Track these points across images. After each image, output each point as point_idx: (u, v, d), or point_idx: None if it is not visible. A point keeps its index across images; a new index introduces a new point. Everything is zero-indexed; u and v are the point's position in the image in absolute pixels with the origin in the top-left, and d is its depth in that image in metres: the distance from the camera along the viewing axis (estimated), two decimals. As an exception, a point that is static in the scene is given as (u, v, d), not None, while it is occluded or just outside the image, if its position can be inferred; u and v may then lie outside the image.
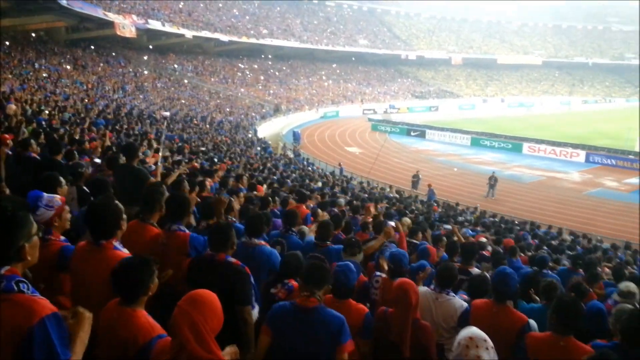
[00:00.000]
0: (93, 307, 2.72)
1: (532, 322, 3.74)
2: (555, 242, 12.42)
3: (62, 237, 3.19)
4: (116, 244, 2.93)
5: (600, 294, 5.92)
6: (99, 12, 37.48)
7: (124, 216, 3.03)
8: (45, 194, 3.19)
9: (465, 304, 3.80)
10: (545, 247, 10.74)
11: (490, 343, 2.29)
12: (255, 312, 3.31)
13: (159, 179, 6.00)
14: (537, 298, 4.86)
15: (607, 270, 9.04)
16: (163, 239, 3.64)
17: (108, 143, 9.48)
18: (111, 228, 2.89)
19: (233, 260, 3.29)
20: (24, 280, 1.95)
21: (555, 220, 19.50)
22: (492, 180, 23.98)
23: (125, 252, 2.92)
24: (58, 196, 3.26)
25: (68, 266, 2.97)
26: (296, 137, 36.16)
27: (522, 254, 8.86)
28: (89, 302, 2.71)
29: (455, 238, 7.82)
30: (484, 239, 9.82)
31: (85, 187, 5.15)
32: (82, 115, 18.99)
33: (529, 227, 15.50)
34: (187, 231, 3.71)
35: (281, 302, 3.04)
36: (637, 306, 4.54)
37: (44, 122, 12.95)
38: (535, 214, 20.64)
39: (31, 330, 1.80)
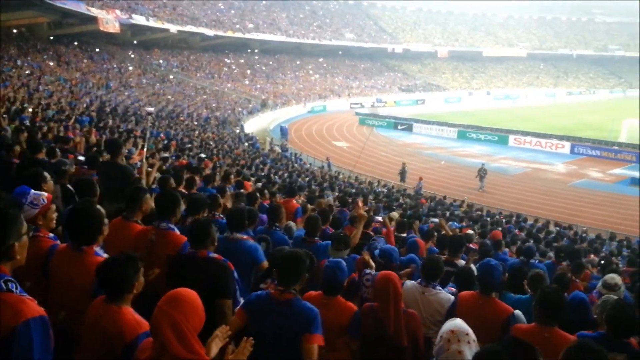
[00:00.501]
0: (70, 311, 2.70)
1: (518, 313, 3.76)
2: (541, 234, 12.54)
3: (51, 235, 3.13)
4: (97, 249, 2.90)
5: (585, 285, 6.01)
6: (81, 7, 36.93)
7: (106, 221, 3.00)
8: (32, 191, 3.14)
9: (452, 297, 3.80)
10: (531, 240, 10.85)
11: (472, 337, 2.30)
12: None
13: (144, 176, 5.95)
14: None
15: (593, 258, 9.18)
16: (152, 235, 3.61)
17: (94, 140, 9.39)
18: (92, 233, 2.87)
19: (215, 255, 3.29)
20: (12, 279, 1.93)
21: (541, 211, 19.70)
22: (482, 172, 24.18)
23: (105, 257, 2.89)
24: (45, 194, 3.21)
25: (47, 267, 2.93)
26: (283, 132, 36.07)
27: (507, 248, 8.96)
28: (66, 306, 2.69)
29: (443, 232, 7.86)
30: (470, 232, 9.89)
31: (69, 186, 5.08)
32: (67, 112, 18.74)
33: (514, 220, 15.66)
34: (176, 230, 3.68)
35: (258, 292, 3.05)
36: (622, 297, 4.61)
37: (27, 120, 12.77)
38: (522, 205, 20.85)
39: (15, 330, 1.78)
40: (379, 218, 7.95)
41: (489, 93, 71.79)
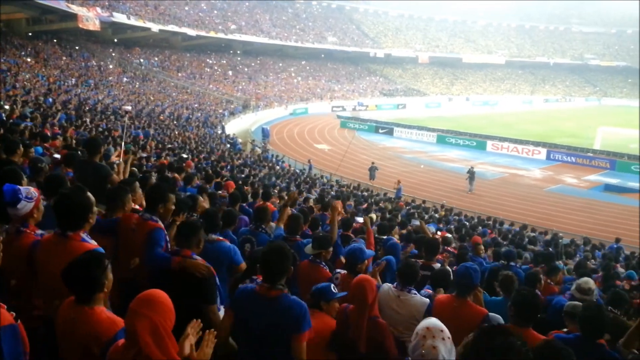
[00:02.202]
0: (62, 299, 2.67)
1: (493, 315, 3.83)
2: (516, 238, 12.77)
3: (39, 231, 3.10)
4: (84, 235, 2.87)
5: (559, 287, 6.15)
6: (61, 4, 36.32)
7: (95, 209, 2.98)
8: (21, 187, 3.11)
9: (428, 301, 3.81)
10: (507, 243, 11.03)
11: (447, 334, 2.33)
12: (221, 313, 3.31)
13: (121, 176, 5.90)
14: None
15: (568, 262, 9.37)
16: (134, 225, 3.61)
17: (68, 141, 9.25)
18: (78, 220, 2.84)
19: (199, 259, 3.28)
20: None
21: (517, 216, 20.03)
22: (470, 174, 24.51)
23: (93, 243, 2.87)
24: (32, 188, 3.18)
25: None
26: (265, 133, 35.98)
27: (486, 252, 9.08)
28: (57, 295, 2.66)
29: (422, 234, 7.92)
30: (449, 235, 10.01)
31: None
32: (43, 109, 18.41)
33: (492, 224, 15.89)
34: (159, 222, 3.66)
35: (244, 285, 3.02)
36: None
37: (3, 116, 12.51)
38: (498, 210, 21.18)
39: None
40: (360, 219, 8.00)
41: (468, 99, 72.68)
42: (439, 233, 10.33)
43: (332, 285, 3.33)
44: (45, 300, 2.78)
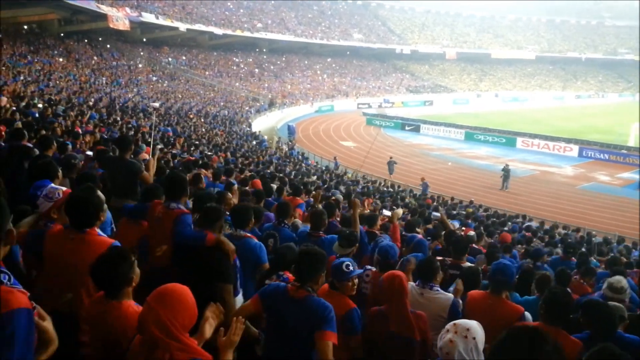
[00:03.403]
0: (78, 294, 2.70)
1: (528, 314, 3.76)
2: (547, 236, 12.49)
3: None
4: (99, 231, 2.94)
5: (591, 285, 5.98)
6: (92, 5, 37.11)
7: (105, 207, 3.03)
8: (50, 185, 3.18)
9: (452, 296, 3.74)
10: (537, 240, 10.80)
11: (473, 334, 2.27)
12: (239, 298, 3.36)
13: (151, 172, 5.98)
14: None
15: (601, 260, 9.12)
16: (160, 213, 3.66)
17: (97, 137, 9.44)
18: (90, 218, 2.89)
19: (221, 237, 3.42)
20: (5, 271, 1.92)
21: (549, 214, 19.59)
22: (505, 172, 24.17)
23: (108, 237, 2.92)
24: (63, 189, 3.24)
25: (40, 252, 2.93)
26: (291, 131, 36.10)
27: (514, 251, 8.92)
28: (69, 288, 2.69)
29: (446, 227, 7.75)
30: (472, 233, 9.81)
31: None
32: (76, 108, 18.86)
33: (520, 220, 15.59)
34: (184, 209, 3.72)
35: (277, 283, 3.09)
36: (627, 301, 4.58)
37: (37, 115, 12.86)
38: (529, 208, 20.76)
39: None
40: (387, 212, 7.91)
41: (497, 95, 71.49)
42: (463, 229, 10.18)
43: (346, 263, 3.30)
44: (53, 293, 2.80)
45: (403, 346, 3.24)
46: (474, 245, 7.92)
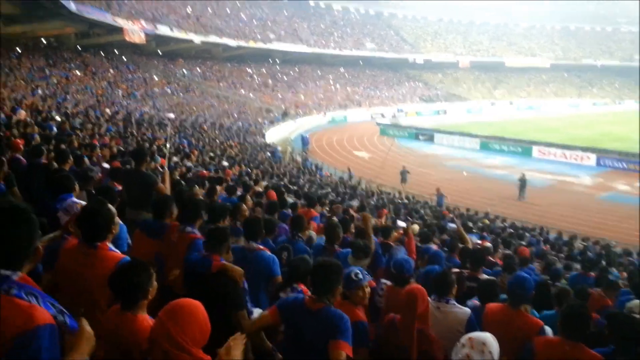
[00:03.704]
0: (90, 309, 2.71)
1: (547, 328, 3.72)
2: (566, 248, 12.30)
3: None
4: (110, 245, 2.94)
5: (614, 301, 5.86)
6: (108, 18, 37.79)
7: (116, 220, 3.04)
8: (71, 199, 3.21)
9: (469, 311, 3.71)
10: (555, 254, 10.63)
11: (489, 348, 2.27)
12: (257, 311, 3.39)
13: (166, 184, 6.02)
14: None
15: (623, 274, 8.94)
16: (175, 237, 3.67)
17: (113, 150, 9.55)
18: (102, 232, 2.90)
19: (226, 263, 3.37)
20: (35, 293, 1.90)
21: (567, 225, 19.30)
22: (522, 182, 23.92)
23: (119, 253, 2.93)
24: (83, 203, 3.27)
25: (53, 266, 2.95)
26: (304, 141, 36.17)
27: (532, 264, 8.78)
28: (85, 304, 2.69)
29: (462, 240, 7.67)
30: (488, 245, 9.69)
31: (94, 192, 5.18)
32: (93, 121, 19.14)
33: (538, 233, 15.37)
34: (198, 234, 3.73)
35: (294, 295, 3.11)
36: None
37: (54, 129, 13.05)
38: (547, 218, 20.47)
39: (21, 336, 1.72)
40: (402, 224, 7.86)
41: (511, 103, 70.97)
42: (479, 241, 10.05)
43: (355, 271, 3.29)
44: (68, 307, 2.82)
45: None
46: (490, 258, 7.83)
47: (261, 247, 4.14)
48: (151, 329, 2.10)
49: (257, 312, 3.41)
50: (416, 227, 7.99)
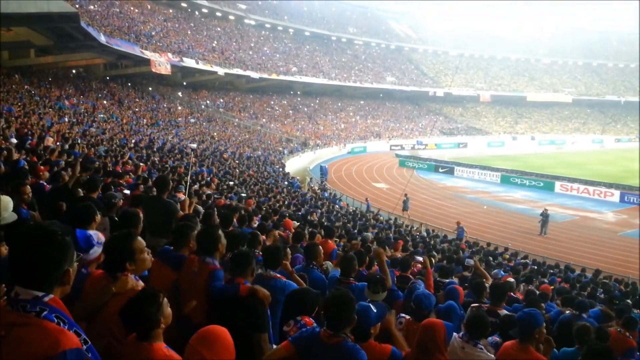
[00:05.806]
0: (114, 337, 2.73)
1: None
2: (589, 287, 11.98)
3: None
4: (132, 276, 2.94)
5: (637, 340, 5.67)
6: (136, 50, 39.02)
7: (139, 253, 3.06)
8: (91, 232, 3.26)
9: (494, 358, 3.63)
10: (577, 293, 10.37)
11: None
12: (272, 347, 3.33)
13: (187, 211, 6.09)
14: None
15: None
16: (195, 267, 3.69)
17: (139, 179, 9.72)
18: (124, 261, 2.91)
19: (250, 286, 3.40)
20: (64, 319, 1.90)
21: (590, 261, 18.88)
22: (544, 217, 23.60)
23: (141, 283, 2.94)
24: (100, 233, 3.34)
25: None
26: (323, 171, 36.30)
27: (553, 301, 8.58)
28: (105, 333, 2.72)
29: (480, 275, 7.55)
30: (511, 279, 9.52)
31: (117, 218, 5.25)
32: (117, 149, 19.56)
33: (562, 270, 15.02)
34: (218, 265, 3.73)
35: (309, 329, 3.07)
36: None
37: (79, 155, 13.37)
38: (569, 254, 20.06)
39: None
40: (420, 258, 7.79)
41: (533, 138, 70.47)
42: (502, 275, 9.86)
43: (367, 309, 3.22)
44: (92, 336, 2.84)
45: None
46: (511, 294, 7.67)
47: (278, 275, 4.14)
48: (185, 356, 2.16)
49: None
50: (433, 260, 7.91)
